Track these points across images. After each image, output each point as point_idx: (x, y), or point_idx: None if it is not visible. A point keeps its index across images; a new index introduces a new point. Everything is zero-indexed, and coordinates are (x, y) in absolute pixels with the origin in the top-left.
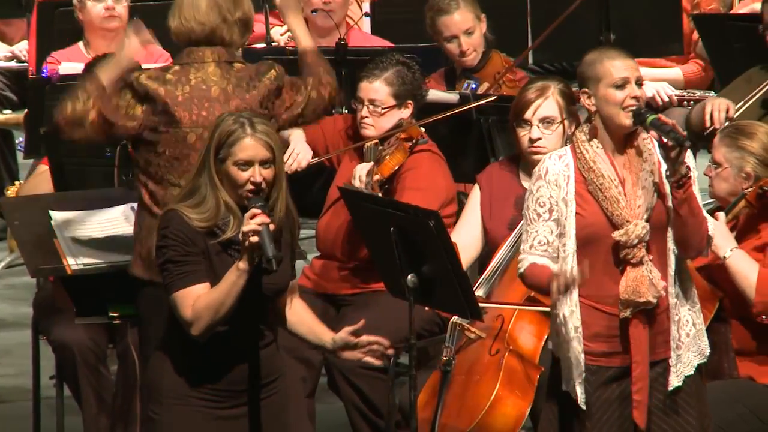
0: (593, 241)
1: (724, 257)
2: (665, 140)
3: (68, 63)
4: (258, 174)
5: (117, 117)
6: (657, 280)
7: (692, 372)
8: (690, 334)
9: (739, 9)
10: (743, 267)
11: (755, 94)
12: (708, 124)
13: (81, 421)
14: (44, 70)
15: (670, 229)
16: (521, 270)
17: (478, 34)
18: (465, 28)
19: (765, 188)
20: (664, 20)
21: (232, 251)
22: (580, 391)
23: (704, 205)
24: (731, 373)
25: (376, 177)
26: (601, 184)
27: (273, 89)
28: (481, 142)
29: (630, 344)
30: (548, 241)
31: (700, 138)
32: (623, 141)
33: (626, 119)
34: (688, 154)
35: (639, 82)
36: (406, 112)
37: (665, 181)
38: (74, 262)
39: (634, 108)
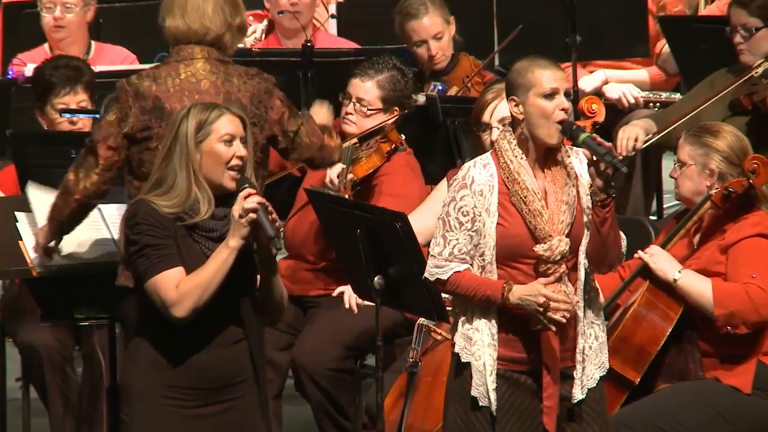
0: (514, 253)
1: (675, 279)
2: (596, 159)
3: (34, 65)
4: (241, 148)
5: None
6: (572, 295)
7: (594, 385)
8: (592, 346)
9: (705, 12)
10: (696, 285)
11: (698, 108)
12: (618, 150)
13: (48, 422)
14: (10, 72)
15: (582, 244)
16: (443, 276)
17: (447, 38)
18: (434, 33)
19: (730, 189)
20: (629, 22)
21: (198, 236)
22: (491, 396)
23: (669, 207)
24: (697, 374)
25: (350, 176)
26: (525, 196)
27: (262, 89)
28: (448, 144)
29: (541, 351)
30: (467, 250)
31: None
32: (546, 153)
33: (554, 132)
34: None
35: (568, 94)
36: (391, 118)
37: (583, 197)
38: (40, 264)
39: (565, 123)
